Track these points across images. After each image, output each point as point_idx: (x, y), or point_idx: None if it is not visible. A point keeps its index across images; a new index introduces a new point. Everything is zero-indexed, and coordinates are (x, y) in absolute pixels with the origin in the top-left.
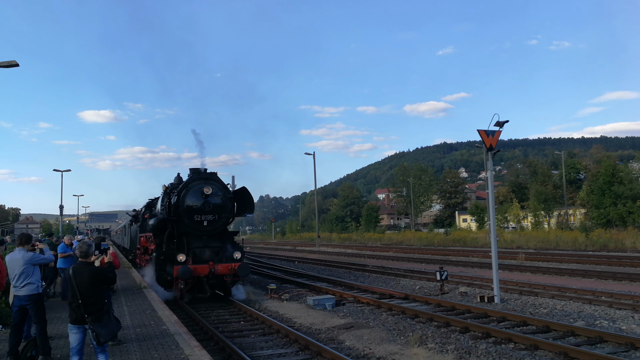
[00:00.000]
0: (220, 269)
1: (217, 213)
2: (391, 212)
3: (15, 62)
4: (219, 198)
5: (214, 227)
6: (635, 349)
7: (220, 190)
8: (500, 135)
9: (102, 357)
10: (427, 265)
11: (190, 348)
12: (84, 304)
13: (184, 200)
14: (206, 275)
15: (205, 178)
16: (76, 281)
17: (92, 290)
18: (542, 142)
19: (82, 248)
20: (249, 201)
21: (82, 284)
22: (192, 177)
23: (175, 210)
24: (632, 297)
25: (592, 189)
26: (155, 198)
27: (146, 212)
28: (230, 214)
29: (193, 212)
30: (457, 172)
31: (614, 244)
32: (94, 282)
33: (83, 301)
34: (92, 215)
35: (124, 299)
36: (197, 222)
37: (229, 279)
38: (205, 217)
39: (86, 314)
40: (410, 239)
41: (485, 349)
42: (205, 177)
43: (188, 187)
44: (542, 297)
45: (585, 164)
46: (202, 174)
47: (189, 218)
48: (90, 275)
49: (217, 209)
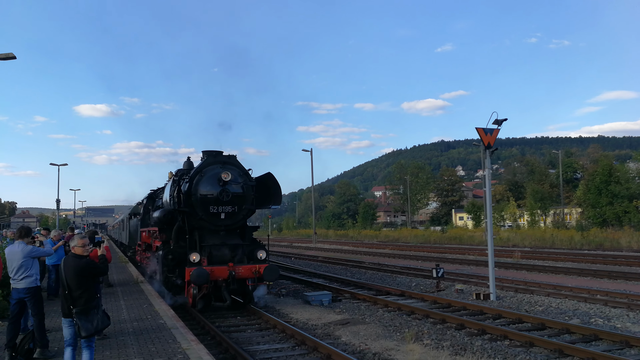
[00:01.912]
0: (242, 272)
1: (236, 204)
2: (388, 210)
3: (12, 55)
4: (239, 186)
5: (233, 220)
6: (629, 346)
7: (240, 176)
8: (498, 133)
9: (86, 352)
10: (424, 263)
11: (187, 342)
12: (70, 296)
13: (197, 188)
14: (225, 279)
15: (223, 162)
16: (64, 273)
17: (77, 283)
18: (540, 141)
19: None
20: (275, 190)
21: (69, 276)
22: (206, 160)
23: (186, 200)
24: (627, 296)
25: (588, 188)
26: (158, 188)
27: (148, 204)
28: (252, 205)
29: (208, 203)
30: (454, 170)
31: (610, 243)
32: (78, 274)
33: (69, 293)
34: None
35: (120, 293)
36: (213, 215)
37: (253, 283)
38: (223, 208)
39: (72, 305)
40: (407, 236)
41: (481, 346)
42: (222, 161)
43: (202, 173)
44: (537, 295)
45: (582, 163)
46: (219, 157)
47: (204, 209)
48: (75, 268)
49: (236, 198)
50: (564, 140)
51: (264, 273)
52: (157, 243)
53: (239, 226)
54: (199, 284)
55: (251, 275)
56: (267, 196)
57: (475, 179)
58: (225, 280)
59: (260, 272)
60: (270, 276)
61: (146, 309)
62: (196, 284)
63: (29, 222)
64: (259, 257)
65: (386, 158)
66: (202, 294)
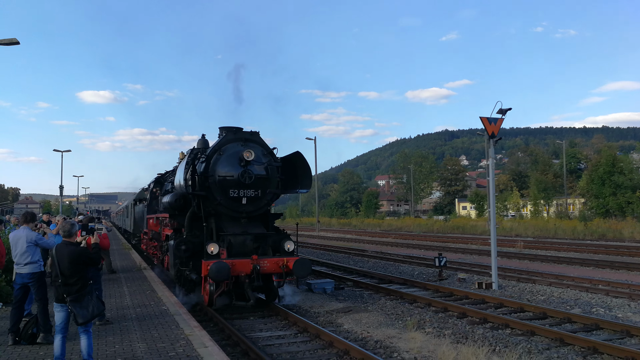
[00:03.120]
0: (268, 266)
1: (260, 187)
2: (391, 199)
3: (16, 40)
4: (262, 167)
5: (255, 206)
6: (630, 336)
7: (264, 155)
8: (502, 123)
9: (84, 337)
10: (426, 252)
11: (190, 328)
12: (64, 284)
13: (215, 169)
14: (248, 274)
15: (245, 139)
16: (57, 260)
17: (72, 270)
18: (544, 131)
19: (65, 227)
20: (304, 172)
21: (62, 263)
22: (225, 137)
23: (202, 183)
24: (629, 286)
25: (592, 178)
26: (166, 172)
27: (156, 189)
28: (278, 189)
29: (228, 186)
30: (458, 160)
31: (612, 234)
32: (73, 262)
33: (63, 281)
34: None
35: (124, 279)
36: (233, 200)
37: (280, 279)
38: (245, 192)
39: (66, 293)
40: (410, 225)
41: (482, 334)
42: (244, 138)
43: (221, 151)
44: (539, 285)
45: (586, 153)
46: (239, 133)
47: (222, 193)
48: (69, 255)
49: (260, 181)
50: (568, 130)
51: (294, 267)
52: (167, 231)
53: (261, 213)
54: (218, 280)
55: (278, 269)
56: (294, 178)
57: (478, 169)
58: (248, 276)
59: (288, 267)
60: (301, 271)
61: (149, 295)
62: (215, 280)
63: (33, 208)
64: (287, 249)
65: (390, 147)
66: (220, 292)
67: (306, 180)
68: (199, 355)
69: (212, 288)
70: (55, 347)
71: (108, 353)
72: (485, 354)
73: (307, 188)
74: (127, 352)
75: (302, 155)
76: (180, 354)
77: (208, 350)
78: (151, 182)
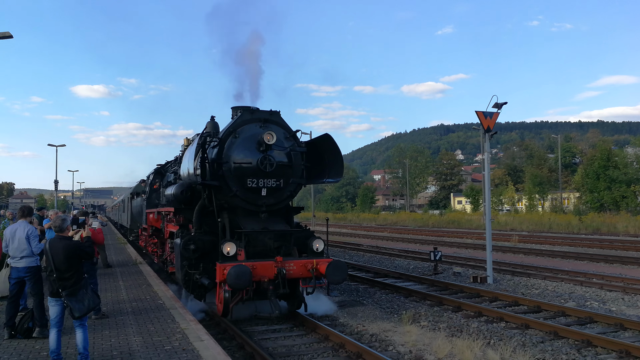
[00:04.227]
0: (295, 269)
1: (282, 176)
2: (387, 193)
3: (9, 34)
4: (285, 152)
5: (276, 198)
6: (624, 329)
7: (286, 139)
8: (498, 117)
9: (79, 330)
10: (422, 246)
11: (186, 322)
12: (59, 278)
13: (229, 155)
14: (271, 279)
15: (264, 119)
16: (52, 255)
17: (67, 265)
18: (539, 126)
19: (56, 222)
20: (333, 158)
21: (57, 258)
22: (241, 117)
23: (214, 171)
24: (623, 280)
25: (587, 173)
26: (167, 162)
27: (155, 181)
28: (302, 179)
29: (244, 174)
30: (454, 154)
31: (607, 228)
32: (68, 256)
33: (58, 275)
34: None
35: (119, 274)
36: (251, 191)
37: (310, 285)
38: (265, 182)
39: (61, 288)
40: (405, 219)
41: (477, 327)
42: (263, 118)
43: (236, 134)
44: (534, 279)
45: (581, 148)
46: (258, 113)
47: (238, 183)
48: (64, 250)
49: (282, 169)
50: (564, 124)
51: (327, 271)
52: (172, 228)
53: (283, 207)
54: (238, 288)
55: (306, 273)
56: (321, 166)
57: (474, 163)
58: (271, 281)
59: (319, 270)
60: (335, 275)
61: (145, 289)
62: (234, 288)
63: (28, 203)
64: (315, 249)
65: (385, 141)
66: (237, 300)
67: (336, 168)
68: (195, 348)
69: (227, 295)
70: (51, 341)
71: (104, 347)
72: (480, 347)
73: (338, 177)
74: (123, 346)
75: (332, 138)
76: (176, 348)
77: (204, 343)
78: (150, 174)
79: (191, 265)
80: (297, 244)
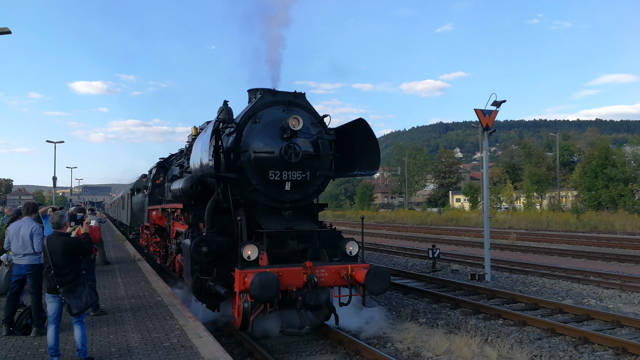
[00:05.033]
0: (326, 277)
1: (308, 168)
2: (385, 191)
3: (7, 29)
4: (311, 141)
5: (302, 193)
6: (621, 326)
7: (313, 125)
8: (496, 115)
9: (77, 327)
10: (420, 244)
11: (184, 319)
12: (57, 274)
13: (249, 142)
14: (299, 288)
15: (288, 102)
16: (50, 252)
17: (65, 261)
18: (538, 124)
19: (54, 219)
20: (368, 147)
21: (55, 255)
22: (262, 99)
23: (230, 162)
24: (620, 277)
25: (585, 171)
26: (171, 155)
27: (159, 176)
28: (331, 171)
29: (266, 166)
30: (452, 152)
31: (604, 226)
32: (66, 252)
33: (56, 271)
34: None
35: (118, 270)
36: (274, 184)
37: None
38: (289, 174)
39: (59, 284)
40: (404, 217)
41: (475, 324)
42: (287, 101)
43: (256, 118)
44: (532, 276)
45: (579, 146)
46: (281, 94)
47: (259, 175)
48: (63, 246)
49: (309, 160)
50: (562, 123)
51: (367, 279)
52: (179, 226)
53: (308, 203)
54: (264, 300)
55: (340, 281)
56: (351, 156)
57: (473, 161)
58: (299, 291)
59: (354, 277)
60: (376, 284)
61: (144, 286)
62: (260, 300)
63: (26, 200)
64: (348, 253)
65: (384, 139)
66: (259, 312)
67: (370, 159)
68: (194, 345)
69: (246, 306)
70: (49, 337)
71: (102, 343)
72: (478, 344)
73: (373, 169)
74: (121, 343)
75: (367, 123)
76: (174, 344)
77: (202, 340)
78: (153, 167)
79: (203, 271)
80: (329, 249)
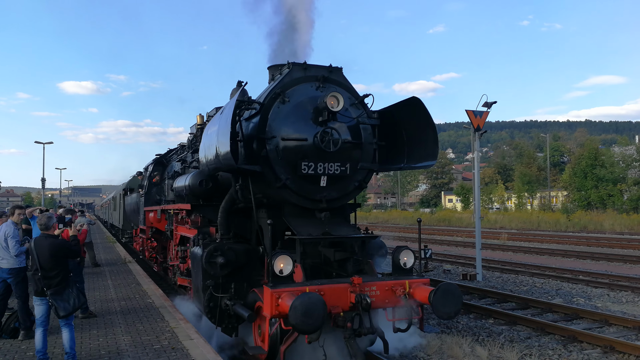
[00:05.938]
0: (379, 296)
1: (348, 159)
2: (378, 192)
3: None
4: (351, 126)
5: (340, 190)
6: (609, 325)
7: (353, 107)
8: (488, 116)
9: (66, 330)
10: (412, 244)
11: (175, 321)
12: (44, 277)
13: (275, 127)
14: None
15: (323, 78)
16: (37, 253)
17: (53, 263)
18: (529, 125)
19: (42, 220)
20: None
21: (43, 257)
22: (291, 73)
23: (253, 152)
24: (609, 277)
25: (574, 171)
26: (169, 150)
27: (155, 173)
28: (374, 163)
29: (297, 156)
30: (445, 153)
31: (594, 226)
32: (53, 255)
33: (43, 274)
34: (75, 189)
35: (108, 272)
36: (307, 179)
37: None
38: (325, 166)
39: (46, 287)
40: (396, 217)
41: (466, 324)
42: (321, 76)
43: (285, 96)
44: (522, 276)
45: (569, 147)
46: (313, 68)
47: (288, 168)
48: (50, 248)
49: (349, 150)
50: (552, 124)
51: (435, 299)
52: (185, 231)
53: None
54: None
55: (396, 301)
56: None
57: (465, 162)
58: (347, 315)
59: (413, 295)
60: (447, 307)
61: (134, 288)
62: (304, 331)
63: (14, 202)
64: (402, 264)
65: None
66: (292, 340)
67: (426, 148)
68: (184, 347)
69: (276, 332)
70: (37, 341)
71: (92, 346)
72: (469, 343)
73: (431, 160)
74: (111, 345)
75: (422, 103)
76: (165, 347)
77: (193, 342)
78: (149, 164)
79: (218, 286)
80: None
